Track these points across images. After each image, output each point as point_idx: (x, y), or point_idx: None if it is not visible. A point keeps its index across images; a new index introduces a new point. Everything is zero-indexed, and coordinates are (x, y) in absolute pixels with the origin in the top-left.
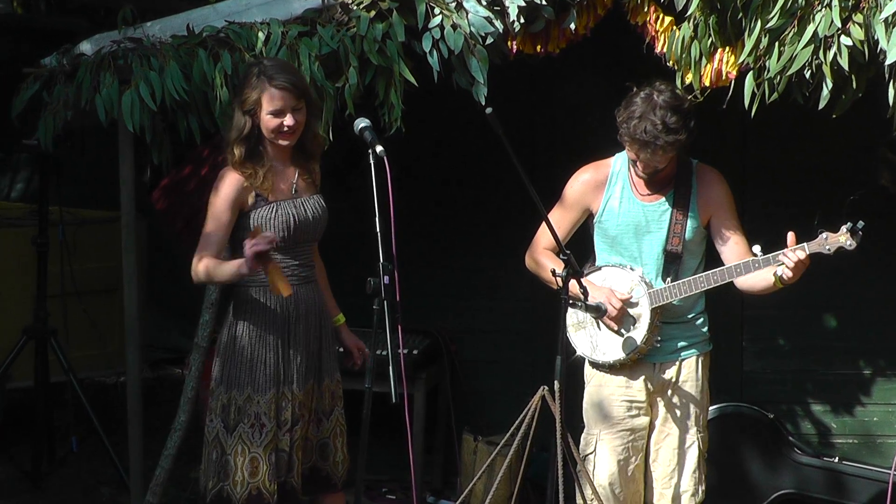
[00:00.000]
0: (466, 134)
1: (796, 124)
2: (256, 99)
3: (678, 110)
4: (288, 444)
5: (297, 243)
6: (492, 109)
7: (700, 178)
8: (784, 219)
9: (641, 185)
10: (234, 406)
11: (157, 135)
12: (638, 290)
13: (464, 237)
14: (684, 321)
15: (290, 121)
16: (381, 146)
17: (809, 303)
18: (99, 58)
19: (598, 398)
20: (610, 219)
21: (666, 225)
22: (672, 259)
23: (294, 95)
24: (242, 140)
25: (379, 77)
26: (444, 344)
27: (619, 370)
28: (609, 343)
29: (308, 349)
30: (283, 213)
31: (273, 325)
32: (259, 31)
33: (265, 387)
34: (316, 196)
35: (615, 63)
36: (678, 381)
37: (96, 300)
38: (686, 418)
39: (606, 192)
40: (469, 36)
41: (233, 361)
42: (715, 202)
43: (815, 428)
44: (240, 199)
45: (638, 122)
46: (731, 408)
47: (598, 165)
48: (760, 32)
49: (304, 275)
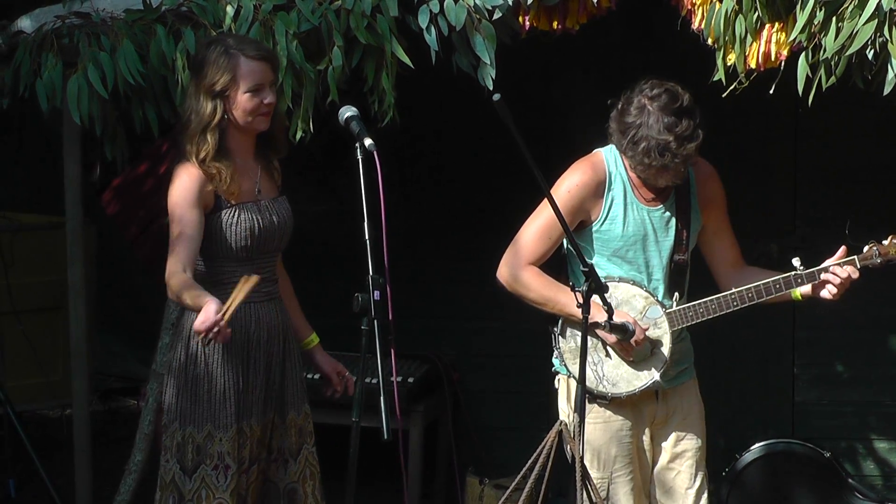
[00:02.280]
0: (470, 125)
1: (856, 114)
2: (230, 78)
3: (683, 111)
4: (245, 487)
5: (259, 254)
6: (500, 96)
7: (697, 173)
8: (840, 225)
9: (642, 187)
10: (192, 445)
11: (109, 126)
12: (653, 310)
13: (468, 246)
14: (682, 341)
15: (271, 98)
16: (371, 139)
17: (872, 323)
18: (40, 36)
19: (606, 436)
20: (613, 227)
21: (672, 232)
22: (679, 271)
23: (272, 68)
24: (210, 131)
25: (368, 58)
26: (445, 371)
27: (623, 403)
28: (618, 373)
29: (269, 377)
30: (246, 219)
31: (231, 348)
32: (227, 5)
33: (227, 422)
34: (281, 198)
35: (644, 42)
36: (680, 411)
37: (37, 320)
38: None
39: (606, 195)
40: (473, 10)
41: (187, 392)
42: (714, 200)
43: (880, 468)
44: (203, 196)
45: (643, 146)
46: (780, 445)
47: (593, 164)
48: (815, 6)
49: (267, 290)
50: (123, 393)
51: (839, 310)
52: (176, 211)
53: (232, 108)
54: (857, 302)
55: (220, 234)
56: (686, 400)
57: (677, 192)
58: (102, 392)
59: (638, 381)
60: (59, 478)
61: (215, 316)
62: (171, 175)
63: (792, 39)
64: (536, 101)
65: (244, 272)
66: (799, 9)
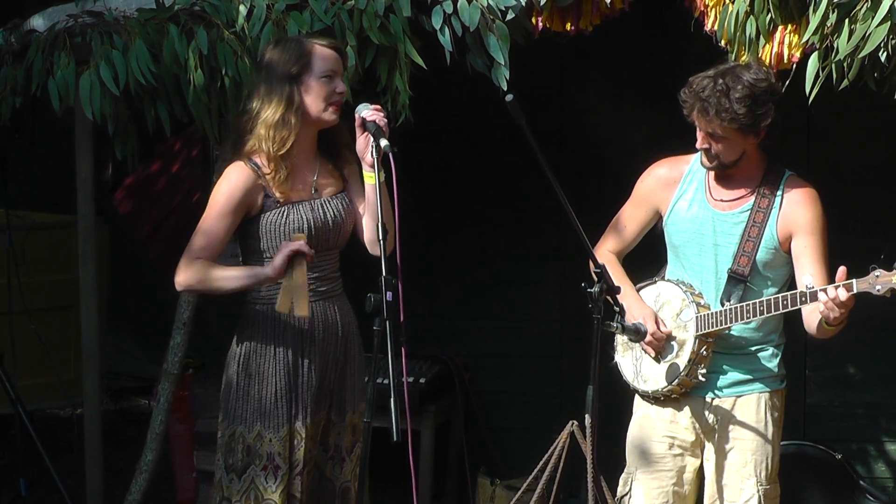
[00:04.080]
0: (483, 126)
1: (869, 116)
2: (306, 62)
3: (751, 85)
4: (299, 490)
5: (315, 252)
6: (513, 96)
7: (788, 192)
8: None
9: (717, 189)
10: (242, 445)
11: (121, 125)
12: (687, 311)
13: (480, 246)
14: (745, 353)
15: (342, 87)
16: (387, 140)
17: (883, 325)
18: (53, 35)
19: (640, 432)
20: (675, 222)
21: (737, 240)
22: (735, 282)
23: (342, 60)
24: (290, 119)
25: (381, 58)
26: (457, 372)
27: (665, 402)
28: (651, 370)
29: (324, 376)
30: (294, 219)
31: (284, 348)
32: (241, 5)
33: (278, 423)
34: (340, 195)
35: (658, 43)
36: (733, 422)
37: (49, 319)
38: (742, 466)
39: (678, 190)
40: (487, 10)
41: (239, 391)
42: (798, 223)
43: (891, 470)
44: (247, 201)
45: (704, 80)
46: (792, 447)
47: (675, 160)
48: (828, 7)
49: (324, 290)
50: (135, 392)
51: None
52: (209, 216)
53: (305, 95)
54: (870, 304)
55: (269, 234)
56: (741, 413)
57: (757, 203)
58: (114, 391)
59: (662, 381)
60: (70, 477)
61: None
62: (183, 174)
63: (805, 41)
64: (550, 101)
65: None
66: (812, 10)
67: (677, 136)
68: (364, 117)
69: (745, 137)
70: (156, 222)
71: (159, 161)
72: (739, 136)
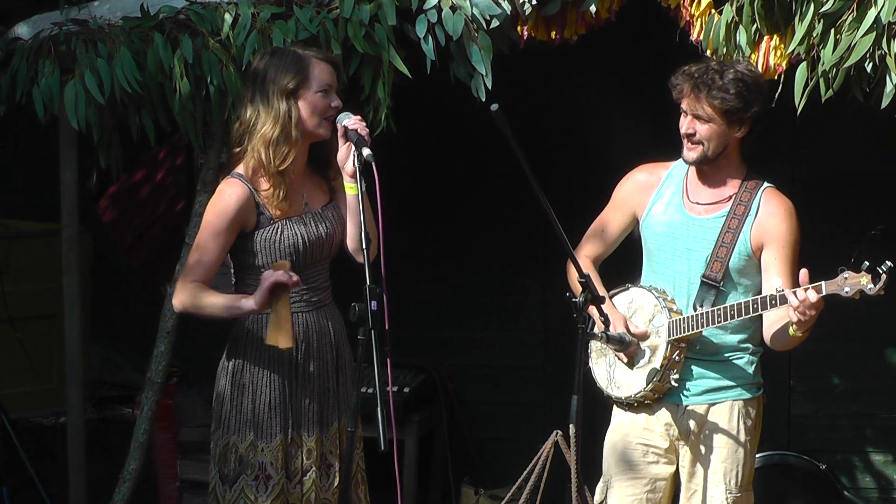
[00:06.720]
0: (468, 135)
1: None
2: (303, 77)
3: (743, 73)
4: (299, 498)
5: (307, 266)
6: (498, 106)
7: (765, 204)
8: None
9: (695, 193)
10: (234, 455)
11: (105, 133)
12: (660, 317)
13: (465, 255)
14: (719, 359)
15: (338, 101)
16: (369, 149)
17: (868, 335)
18: (37, 43)
19: (615, 439)
20: (650, 225)
21: (711, 245)
22: (708, 287)
23: (338, 73)
24: (291, 135)
25: (365, 67)
26: (441, 381)
27: (639, 408)
28: (625, 376)
29: (323, 387)
30: (289, 235)
31: (278, 360)
32: (225, 13)
33: (272, 432)
34: (330, 206)
35: (643, 53)
36: (707, 429)
37: (33, 327)
38: (712, 473)
39: (655, 194)
40: (471, 19)
41: (232, 401)
42: (772, 234)
43: (876, 481)
44: (241, 219)
45: (697, 65)
46: (776, 457)
47: (654, 166)
48: (813, 17)
49: (316, 300)
50: (118, 401)
51: (835, 322)
52: (203, 235)
53: (301, 109)
54: (853, 314)
55: (264, 251)
56: (714, 420)
57: (732, 211)
58: (97, 400)
59: (636, 387)
60: (53, 486)
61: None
62: (168, 182)
63: (790, 51)
64: (536, 110)
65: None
66: (798, 20)
67: (662, 145)
68: (346, 126)
69: (731, 126)
70: (140, 231)
71: (143, 170)
72: (725, 123)
